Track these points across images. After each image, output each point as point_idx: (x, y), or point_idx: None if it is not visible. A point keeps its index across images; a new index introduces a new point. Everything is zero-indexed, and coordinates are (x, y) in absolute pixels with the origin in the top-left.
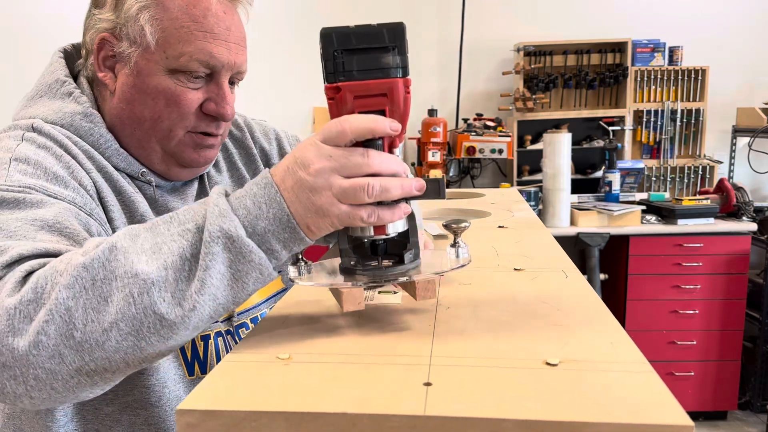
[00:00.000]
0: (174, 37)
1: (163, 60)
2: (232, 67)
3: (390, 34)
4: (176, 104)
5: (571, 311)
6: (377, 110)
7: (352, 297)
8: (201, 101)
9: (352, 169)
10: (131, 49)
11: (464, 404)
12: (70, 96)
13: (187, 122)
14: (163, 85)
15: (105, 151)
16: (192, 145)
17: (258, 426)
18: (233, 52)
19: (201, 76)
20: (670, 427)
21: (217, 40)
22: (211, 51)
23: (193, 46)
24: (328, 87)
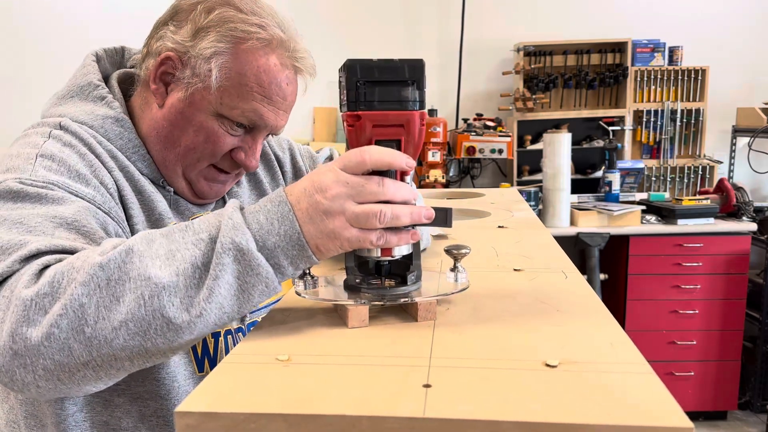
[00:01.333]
0: (236, 90)
1: (217, 104)
2: (274, 130)
3: (410, 69)
4: (213, 143)
5: (571, 312)
6: (394, 139)
7: (357, 314)
8: (233, 147)
9: (366, 197)
10: (192, 80)
11: (464, 406)
12: (102, 100)
13: (213, 159)
14: (208, 123)
15: (132, 155)
16: (207, 177)
17: (257, 427)
18: (279, 117)
19: (244, 126)
20: (670, 428)
21: (270, 105)
22: (261, 114)
23: (248, 105)
24: (348, 114)
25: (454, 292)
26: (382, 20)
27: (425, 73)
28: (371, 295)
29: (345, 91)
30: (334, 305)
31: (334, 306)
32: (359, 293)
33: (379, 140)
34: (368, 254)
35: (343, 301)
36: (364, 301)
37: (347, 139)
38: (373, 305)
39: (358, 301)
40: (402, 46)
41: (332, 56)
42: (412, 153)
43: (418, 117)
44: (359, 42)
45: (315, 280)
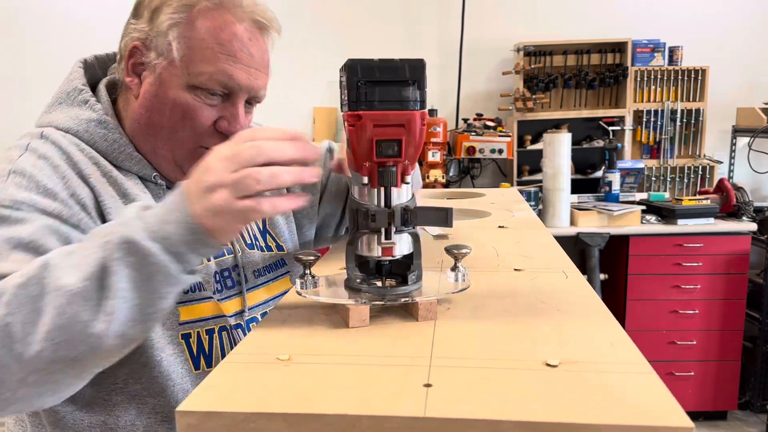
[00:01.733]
0: (198, 56)
1: (185, 75)
2: (250, 91)
3: (411, 69)
4: (191, 118)
5: (571, 312)
6: (394, 139)
7: (357, 314)
8: (215, 118)
9: (244, 164)
10: (158, 61)
11: (464, 405)
12: (85, 104)
13: (197, 137)
14: (181, 98)
15: (118, 155)
16: (197, 159)
17: (258, 427)
18: (252, 77)
19: (218, 94)
20: (670, 428)
21: (238, 64)
22: (230, 74)
23: (214, 67)
24: (349, 114)
25: (454, 292)
26: (382, 20)
27: (426, 73)
28: (372, 295)
29: (346, 90)
30: (335, 305)
31: (335, 306)
32: (360, 293)
33: (379, 140)
34: (369, 254)
35: (344, 301)
36: (365, 301)
37: (348, 139)
38: (374, 305)
39: (358, 301)
40: (402, 46)
41: (332, 56)
42: (413, 153)
43: (418, 117)
44: (359, 42)
45: (315, 280)
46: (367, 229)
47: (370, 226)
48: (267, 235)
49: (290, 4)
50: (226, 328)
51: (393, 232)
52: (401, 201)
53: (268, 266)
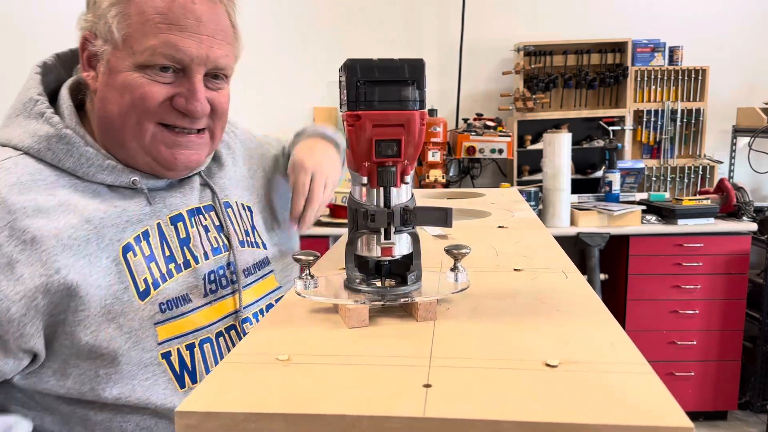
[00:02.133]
0: (140, 32)
1: (130, 56)
2: (205, 62)
3: (410, 69)
4: (141, 97)
5: (571, 312)
6: (394, 139)
7: (356, 314)
8: (170, 95)
9: None
10: (105, 47)
11: (464, 406)
12: (41, 117)
13: (153, 115)
14: (129, 79)
15: (88, 170)
16: (165, 143)
17: (257, 427)
18: (205, 45)
19: (170, 69)
20: (670, 428)
21: (184, 33)
22: (176, 44)
23: (157, 39)
24: (348, 114)
25: (454, 292)
26: (382, 20)
27: (425, 73)
28: (371, 295)
29: (345, 90)
30: (334, 305)
31: (334, 306)
32: (359, 293)
33: (379, 140)
34: (369, 254)
35: (343, 301)
36: (364, 301)
37: (347, 139)
38: (373, 305)
39: (358, 301)
40: (402, 47)
41: (332, 56)
42: (413, 153)
43: (418, 117)
44: (359, 42)
45: (315, 280)
46: (367, 229)
47: (369, 226)
48: (255, 232)
49: (290, 4)
50: (209, 340)
51: (392, 233)
52: (401, 201)
53: (256, 264)
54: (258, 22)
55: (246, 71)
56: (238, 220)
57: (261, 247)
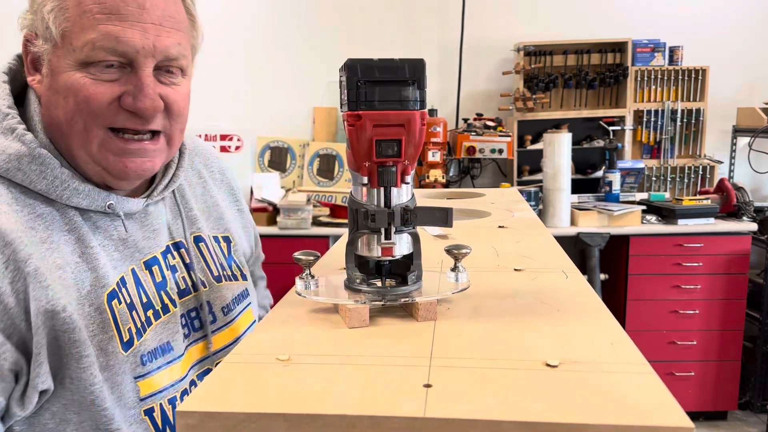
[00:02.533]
0: (77, 25)
1: (71, 54)
2: (152, 52)
3: (411, 69)
4: (85, 100)
5: (571, 311)
6: (394, 139)
7: (357, 314)
8: (117, 95)
9: None
10: (44, 46)
11: (464, 406)
12: (12, 133)
13: (101, 119)
14: (72, 80)
15: (62, 193)
16: (113, 151)
17: (257, 427)
18: (150, 35)
19: (114, 65)
20: (670, 428)
21: (125, 22)
22: (117, 35)
23: (96, 32)
24: (349, 114)
25: (454, 292)
26: (382, 20)
27: (426, 73)
28: (371, 295)
29: (345, 90)
30: (334, 305)
31: (334, 306)
32: (359, 293)
33: (379, 140)
34: (369, 254)
35: (344, 301)
36: (365, 301)
37: (348, 139)
38: (374, 305)
39: (358, 301)
40: (402, 46)
41: (332, 56)
42: (413, 153)
43: (418, 117)
44: (359, 42)
45: (315, 280)
46: (367, 229)
47: (369, 226)
48: (233, 263)
49: (290, 4)
50: (187, 392)
51: (393, 233)
52: (401, 201)
53: (235, 298)
54: (258, 22)
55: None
56: (211, 255)
57: (239, 279)
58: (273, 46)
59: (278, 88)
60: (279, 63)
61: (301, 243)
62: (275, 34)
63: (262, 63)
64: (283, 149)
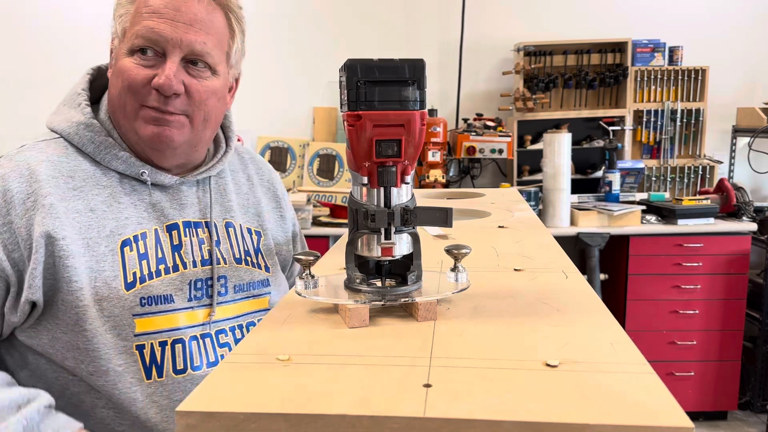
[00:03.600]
0: (132, 23)
1: (125, 46)
2: (180, 45)
3: (411, 69)
4: (127, 79)
5: (571, 312)
6: (394, 139)
7: (357, 314)
8: (151, 77)
9: None
10: (115, 43)
11: (464, 406)
12: (78, 107)
13: (138, 96)
14: (122, 65)
15: (105, 156)
16: (145, 118)
17: (258, 427)
18: (180, 31)
19: (151, 52)
20: (670, 428)
21: (161, 19)
22: (152, 27)
23: (140, 25)
24: (349, 114)
25: (454, 292)
26: (382, 20)
27: (426, 73)
28: (371, 295)
29: (345, 90)
30: (334, 305)
31: (335, 306)
32: (359, 293)
33: (379, 140)
34: (369, 254)
35: (344, 301)
36: (365, 301)
37: (348, 139)
38: (374, 305)
39: (358, 301)
40: (402, 46)
41: (332, 56)
42: (413, 153)
43: (418, 117)
44: (359, 42)
45: (315, 280)
46: (367, 229)
47: (369, 226)
48: (259, 254)
49: (291, 4)
50: (182, 341)
51: (393, 233)
52: (401, 201)
53: (252, 283)
54: (258, 22)
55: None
56: (238, 240)
57: (262, 270)
58: (273, 46)
59: (278, 88)
60: (279, 63)
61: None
62: (275, 34)
63: (262, 63)
64: (283, 149)
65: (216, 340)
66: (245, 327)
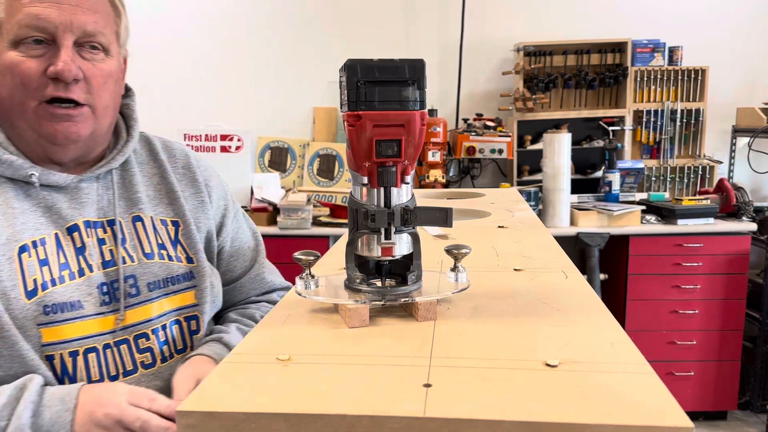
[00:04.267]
0: (8, 13)
1: (6, 37)
2: (70, 28)
3: (411, 69)
4: (19, 74)
5: (571, 312)
6: (394, 139)
7: (357, 314)
8: (45, 67)
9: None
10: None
11: (464, 405)
12: None
13: (33, 92)
14: (8, 60)
15: None
16: (47, 116)
17: (258, 427)
18: (67, 13)
19: (40, 42)
20: (670, 428)
21: (44, 3)
22: (37, 14)
23: (21, 13)
24: (349, 114)
25: (454, 292)
26: (382, 20)
27: (426, 73)
28: (371, 295)
29: (345, 90)
30: (334, 305)
31: (334, 306)
32: (359, 293)
33: (379, 140)
34: (369, 254)
35: (344, 301)
36: (365, 301)
37: (348, 139)
38: (374, 305)
39: (358, 301)
40: (402, 46)
41: (332, 56)
42: (413, 153)
43: (418, 117)
44: (359, 42)
45: (315, 280)
46: (367, 229)
47: (369, 226)
48: (178, 246)
49: (291, 4)
50: (95, 350)
51: (393, 233)
52: (401, 201)
53: (171, 278)
54: (258, 22)
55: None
56: (148, 234)
57: (183, 262)
58: (273, 46)
59: (278, 88)
60: (279, 63)
61: (301, 243)
62: (275, 34)
63: (263, 63)
64: (284, 149)
65: (135, 346)
66: (169, 327)
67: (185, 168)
